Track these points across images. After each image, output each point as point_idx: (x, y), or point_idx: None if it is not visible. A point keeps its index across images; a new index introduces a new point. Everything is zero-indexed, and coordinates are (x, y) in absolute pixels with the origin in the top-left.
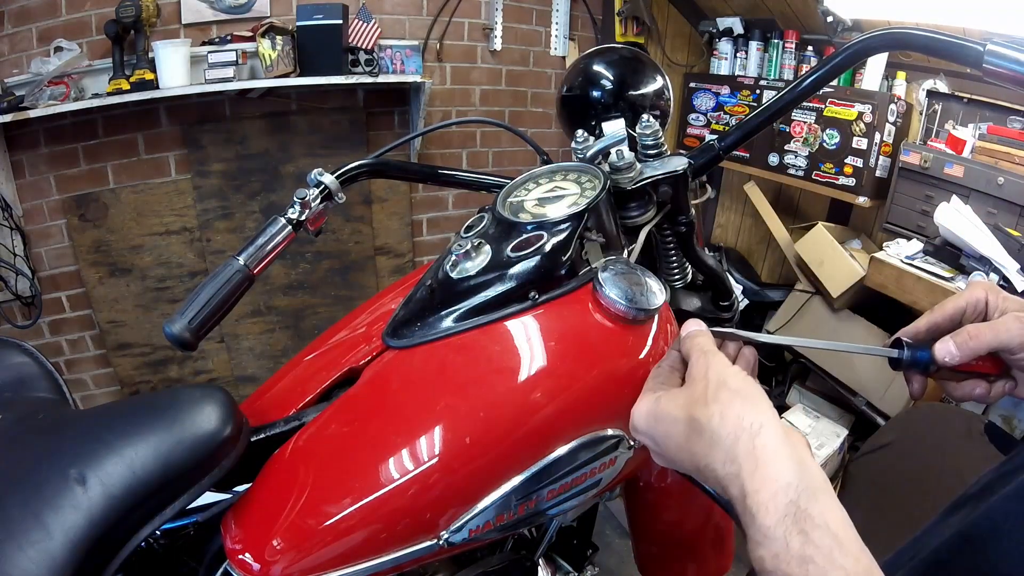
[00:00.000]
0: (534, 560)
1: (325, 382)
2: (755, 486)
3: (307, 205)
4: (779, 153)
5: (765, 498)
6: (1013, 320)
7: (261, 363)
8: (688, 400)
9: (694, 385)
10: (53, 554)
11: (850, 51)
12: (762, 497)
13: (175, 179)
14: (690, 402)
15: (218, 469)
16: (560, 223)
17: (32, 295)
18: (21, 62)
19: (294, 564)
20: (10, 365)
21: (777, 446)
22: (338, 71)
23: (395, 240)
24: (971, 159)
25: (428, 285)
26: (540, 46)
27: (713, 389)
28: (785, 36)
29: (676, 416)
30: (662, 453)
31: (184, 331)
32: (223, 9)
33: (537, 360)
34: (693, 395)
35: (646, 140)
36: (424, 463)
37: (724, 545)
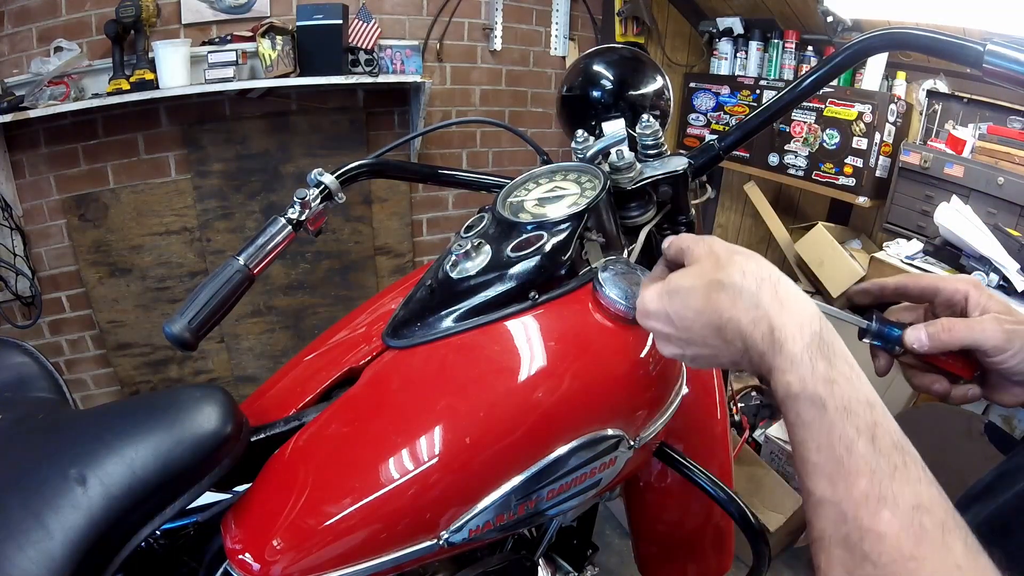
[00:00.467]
0: (534, 560)
1: (325, 382)
2: (782, 320)
3: (307, 205)
4: (779, 153)
5: (792, 330)
6: (991, 321)
7: (261, 363)
8: (702, 270)
9: (703, 260)
10: (53, 554)
11: (850, 51)
12: (789, 329)
13: (175, 179)
14: (705, 271)
15: (218, 469)
16: (560, 223)
17: (32, 295)
18: (21, 62)
19: (294, 564)
20: (10, 365)
21: (797, 291)
22: (338, 71)
23: (395, 240)
24: (971, 159)
25: (428, 285)
26: (540, 46)
27: (726, 255)
28: (785, 36)
29: (692, 285)
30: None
31: (184, 331)
32: (223, 9)
33: (537, 360)
34: (705, 266)
35: (646, 140)
36: (424, 463)
37: (724, 545)
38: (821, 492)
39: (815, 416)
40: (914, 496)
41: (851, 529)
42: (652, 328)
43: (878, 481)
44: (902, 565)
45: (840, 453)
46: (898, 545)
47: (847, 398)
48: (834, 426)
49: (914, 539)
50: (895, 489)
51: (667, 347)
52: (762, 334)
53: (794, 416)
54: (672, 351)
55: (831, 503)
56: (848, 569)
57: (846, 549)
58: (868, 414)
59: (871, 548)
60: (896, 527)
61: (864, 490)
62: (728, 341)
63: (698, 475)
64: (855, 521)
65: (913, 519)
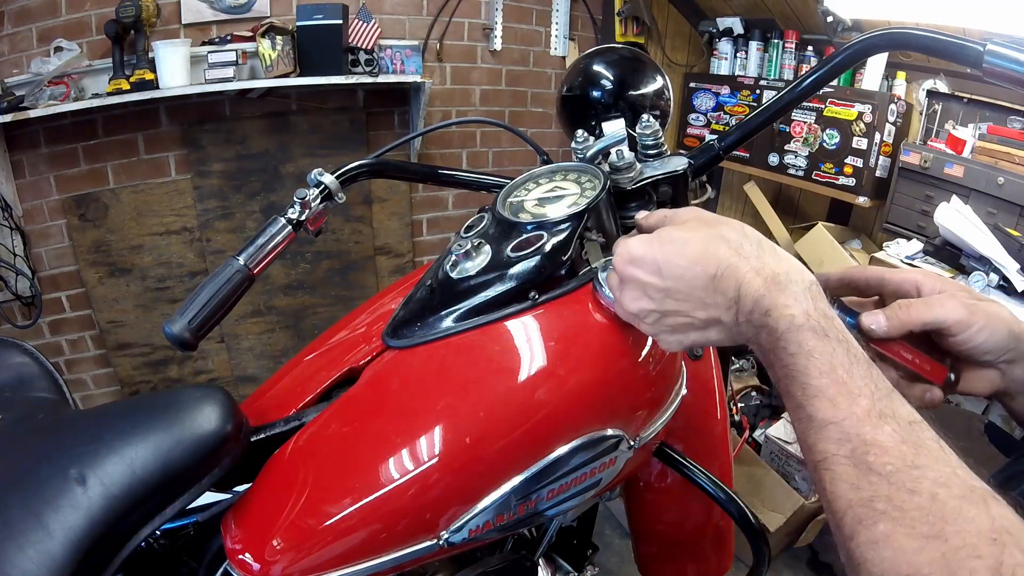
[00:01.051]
0: (534, 560)
1: (325, 382)
2: (784, 268)
3: (307, 205)
4: (779, 153)
5: (794, 275)
6: (950, 298)
7: (261, 363)
8: (697, 226)
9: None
10: (53, 554)
11: (850, 51)
12: (792, 275)
13: (175, 179)
14: (701, 226)
15: (218, 469)
16: (560, 223)
17: (32, 295)
18: (21, 62)
19: (294, 564)
20: (10, 365)
21: (790, 255)
22: (338, 71)
23: (395, 240)
24: (971, 159)
25: (428, 285)
26: (540, 46)
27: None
28: (785, 36)
29: (689, 236)
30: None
31: (184, 331)
32: (223, 9)
33: (537, 360)
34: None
35: (646, 140)
36: (424, 463)
37: (724, 545)
38: (824, 414)
39: (817, 343)
40: (909, 414)
41: (856, 444)
42: (631, 276)
43: (877, 400)
44: (906, 473)
45: (841, 375)
46: (901, 455)
47: (842, 331)
48: (835, 352)
49: (914, 449)
50: (893, 407)
51: (640, 300)
52: (764, 279)
53: (795, 346)
54: (644, 305)
55: (834, 423)
56: (853, 482)
57: (852, 464)
58: (859, 345)
59: (876, 459)
60: (898, 439)
61: (866, 407)
62: (719, 290)
63: (698, 475)
64: (859, 437)
65: (912, 431)
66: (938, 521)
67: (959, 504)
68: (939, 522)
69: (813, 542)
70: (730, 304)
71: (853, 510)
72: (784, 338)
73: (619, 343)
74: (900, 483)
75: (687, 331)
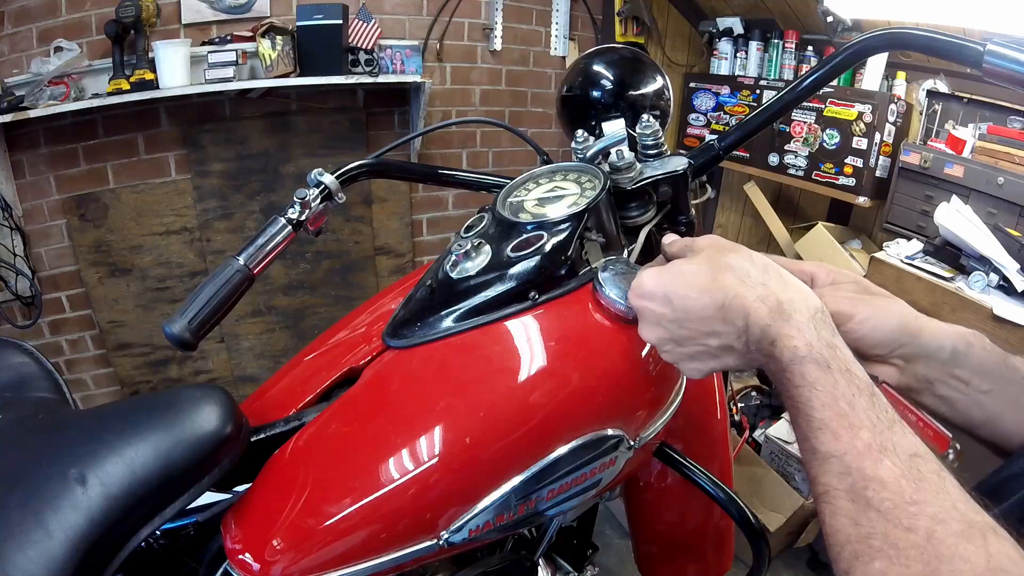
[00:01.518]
0: (534, 560)
1: (325, 382)
2: (789, 296)
3: (307, 205)
4: (779, 153)
5: (799, 303)
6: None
7: (261, 363)
8: (707, 256)
9: (707, 249)
10: (53, 554)
11: (850, 51)
12: (796, 303)
13: (175, 179)
14: (711, 256)
15: (218, 469)
16: (560, 223)
17: (32, 295)
18: (21, 62)
19: (294, 564)
20: (10, 365)
21: (796, 280)
22: (338, 71)
23: (395, 240)
24: (971, 159)
25: (428, 285)
26: (540, 46)
27: (728, 245)
28: (785, 36)
29: (698, 267)
30: (672, 306)
31: (184, 331)
32: (223, 9)
33: (537, 360)
34: (711, 253)
35: (646, 140)
36: (424, 463)
37: (724, 545)
38: (826, 447)
39: (820, 375)
40: (910, 446)
41: (855, 479)
42: (644, 308)
43: (879, 432)
44: (904, 510)
45: (844, 408)
46: (900, 491)
47: (847, 362)
48: (837, 384)
49: (914, 484)
50: (894, 440)
51: (654, 330)
52: (769, 308)
53: (799, 378)
54: (657, 335)
55: (836, 456)
56: (853, 518)
57: (851, 499)
58: (864, 376)
59: (874, 495)
60: (897, 474)
61: (867, 441)
62: (728, 320)
63: (698, 475)
64: (859, 471)
65: (912, 466)
66: (933, 560)
67: (956, 542)
68: (934, 561)
69: (813, 542)
70: (740, 333)
71: (851, 545)
72: (788, 369)
73: (619, 343)
74: (897, 520)
75: (705, 359)
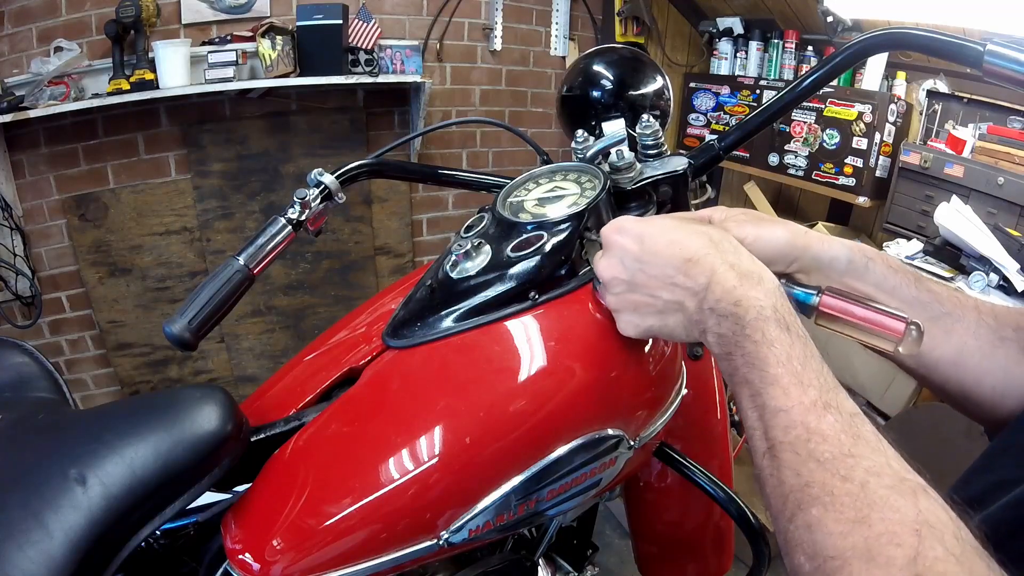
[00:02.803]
0: (534, 560)
1: (325, 382)
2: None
3: (307, 205)
4: (779, 153)
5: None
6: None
7: (261, 363)
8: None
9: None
10: (53, 554)
11: (850, 51)
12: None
13: (175, 179)
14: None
15: (218, 469)
16: (560, 223)
17: (32, 295)
18: (21, 62)
19: (294, 564)
20: (10, 365)
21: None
22: (338, 71)
23: (395, 240)
24: (971, 159)
25: (428, 285)
26: (540, 46)
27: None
28: (785, 36)
29: (677, 224)
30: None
31: (184, 331)
32: (223, 9)
33: (537, 360)
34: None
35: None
36: (424, 463)
37: (724, 545)
38: (776, 402)
39: (780, 335)
40: (852, 407)
41: (800, 432)
42: (614, 242)
43: (826, 391)
44: (842, 461)
45: (796, 367)
46: (839, 444)
47: (803, 329)
48: (794, 345)
49: (852, 439)
50: (839, 399)
51: (613, 266)
52: (738, 273)
53: (759, 334)
54: (614, 272)
55: (784, 411)
56: (795, 469)
57: (794, 451)
58: (814, 347)
59: (816, 447)
60: (838, 428)
61: (813, 398)
62: (690, 275)
63: (698, 475)
64: (803, 425)
65: (852, 423)
66: (864, 507)
67: (887, 493)
68: (865, 508)
69: None
70: (698, 290)
71: (793, 495)
72: (751, 326)
73: (619, 343)
74: (835, 470)
75: (646, 314)
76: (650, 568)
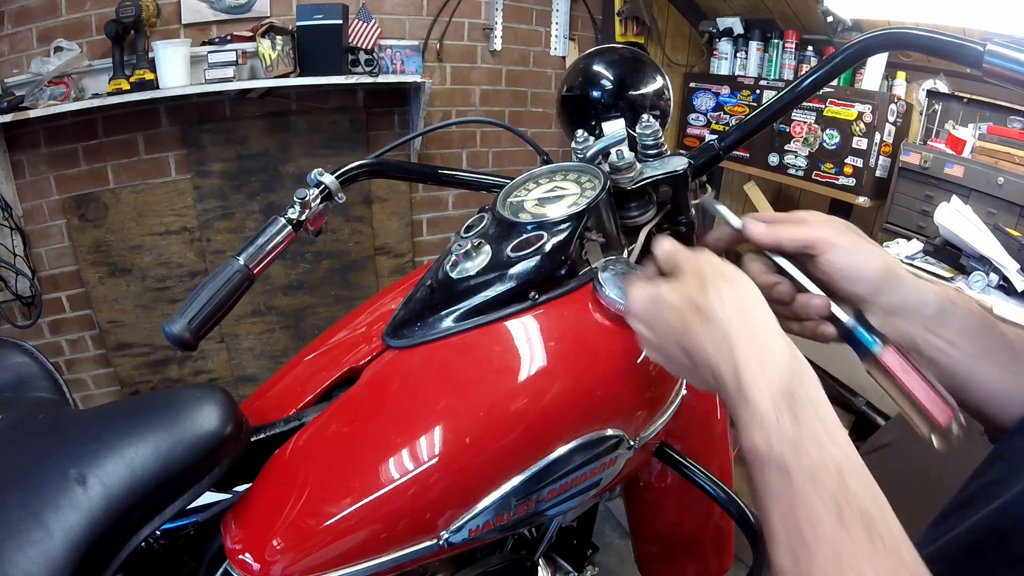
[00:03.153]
0: (534, 560)
1: (325, 382)
2: (749, 364)
3: (307, 205)
4: (779, 153)
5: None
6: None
7: (261, 363)
8: (686, 288)
9: (687, 277)
10: (53, 554)
11: (850, 51)
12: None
13: (175, 179)
14: (688, 290)
15: (218, 469)
16: (560, 223)
17: (32, 295)
18: (21, 62)
19: (294, 564)
20: (10, 365)
21: (769, 325)
22: (338, 71)
23: (395, 240)
24: (971, 159)
25: (428, 285)
26: (540, 46)
27: (711, 277)
28: (785, 36)
29: (673, 303)
30: (655, 334)
31: (184, 331)
32: (223, 9)
33: (537, 360)
34: (690, 284)
35: (646, 140)
36: (424, 463)
37: (724, 545)
38: (781, 563)
39: (779, 484)
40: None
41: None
42: (635, 328)
43: (840, 560)
44: None
45: (803, 527)
46: None
47: (814, 465)
48: (797, 497)
49: None
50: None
51: (648, 349)
52: (728, 375)
53: (759, 480)
54: (652, 355)
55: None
56: None
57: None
58: (835, 483)
59: None
60: None
61: (824, 569)
62: (698, 365)
63: (698, 475)
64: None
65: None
66: None
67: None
68: None
69: None
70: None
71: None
72: (749, 463)
73: (619, 343)
74: None
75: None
76: (650, 568)
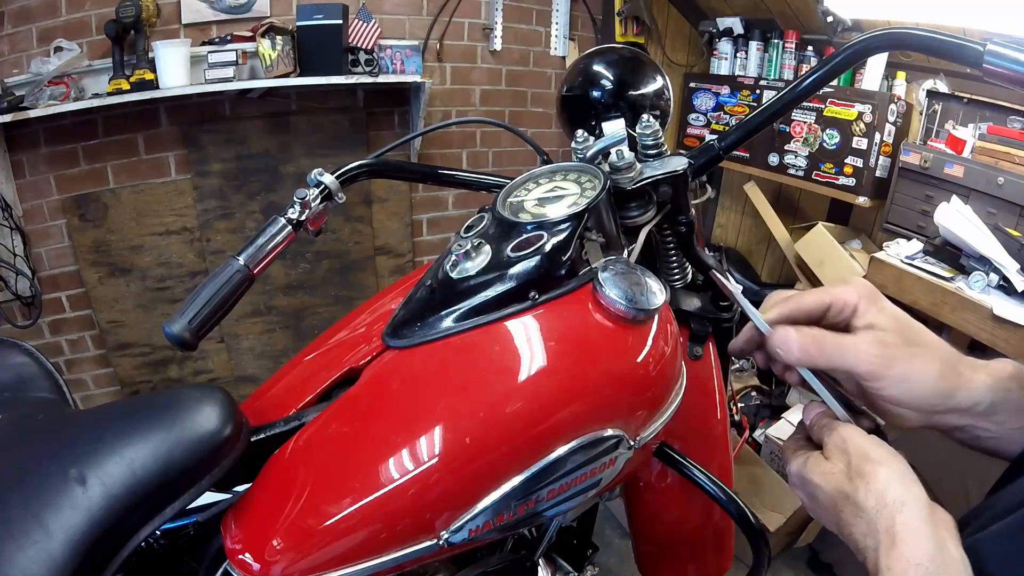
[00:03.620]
0: (534, 560)
1: (325, 382)
2: (888, 563)
3: (307, 205)
4: (779, 153)
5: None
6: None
7: (261, 363)
8: (832, 472)
9: (835, 459)
10: (53, 554)
11: (850, 51)
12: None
13: (175, 179)
14: (835, 474)
15: (218, 469)
16: (560, 223)
17: (32, 295)
18: (21, 62)
19: (294, 564)
20: (10, 365)
21: (918, 525)
22: (338, 71)
23: (395, 240)
24: (971, 159)
25: (428, 285)
26: (540, 46)
27: (856, 462)
28: (785, 36)
29: (819, 484)
30: (808, 505)
31: (184, 331)
32: (223, 9)
33: (537, 360)
34: (837, 467)
35: (646, 140)
36: (424, 463)
37: (724, 545)
38: None
39: None
40: None
41: None
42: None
43: None
44: None
45: None
46: None
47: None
48: None
49: None
50: None
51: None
52: (872, 563)
53: None
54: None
55: None
56: None
57: None
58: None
59: None
60: None
61: None
62: (848, 537)
63: (698, 475)
64: None
65: None
66: None
67: None
68: None
69: (813, 542)
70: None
71: None
72: None
73: (619, 343)
74: None
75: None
76: (650, 568)
